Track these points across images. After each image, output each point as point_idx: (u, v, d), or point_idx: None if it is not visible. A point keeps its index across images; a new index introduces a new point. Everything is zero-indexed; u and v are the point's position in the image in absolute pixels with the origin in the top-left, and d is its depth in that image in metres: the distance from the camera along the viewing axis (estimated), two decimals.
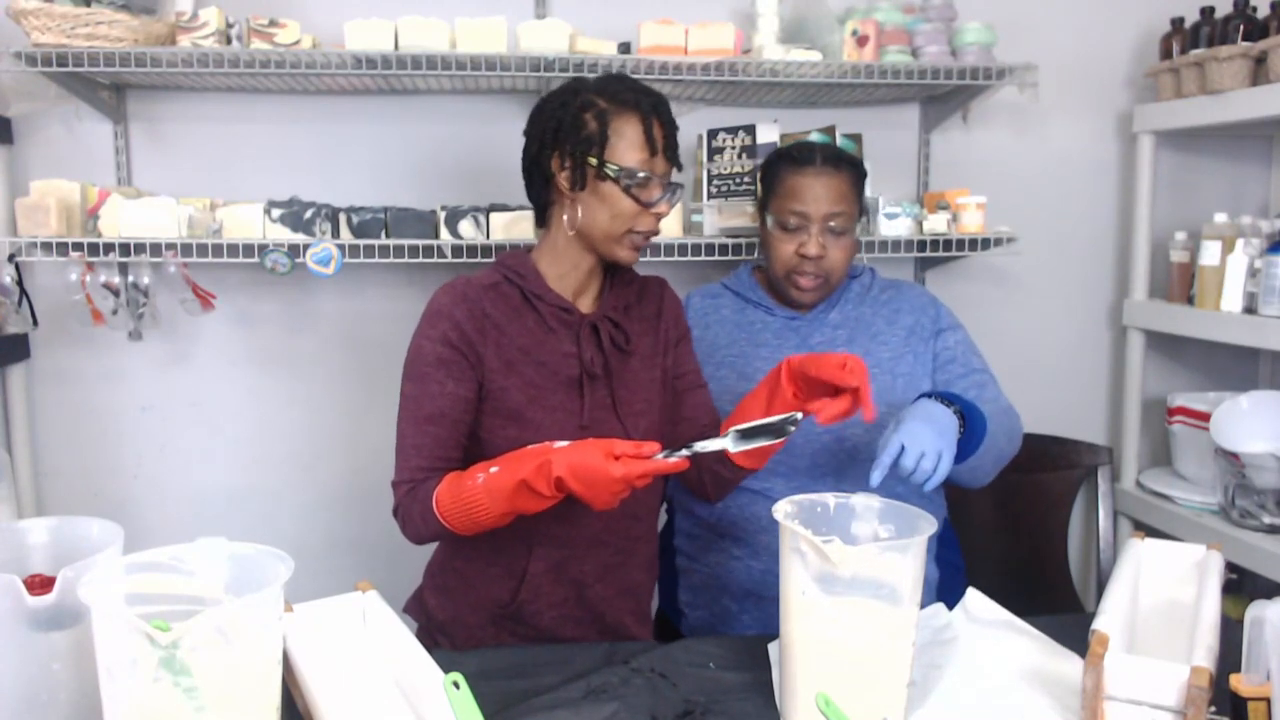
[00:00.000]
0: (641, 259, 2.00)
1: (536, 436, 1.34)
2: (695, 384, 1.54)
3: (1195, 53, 2.18)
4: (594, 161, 1.33)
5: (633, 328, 1.46)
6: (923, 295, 1.72)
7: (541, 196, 1.42)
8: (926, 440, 1.33)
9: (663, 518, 1.65)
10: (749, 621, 1.60)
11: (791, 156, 1.63)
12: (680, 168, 1.42)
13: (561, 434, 1.37)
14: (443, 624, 1.45)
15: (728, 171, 2.07)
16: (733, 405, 1.54)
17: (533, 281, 1.40)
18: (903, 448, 1.32)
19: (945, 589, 1.63)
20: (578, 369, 1.40)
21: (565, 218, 1.38)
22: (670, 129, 1.37)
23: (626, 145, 1.33)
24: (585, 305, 1.44)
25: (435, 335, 1.35)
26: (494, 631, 1.42)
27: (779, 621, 1.13)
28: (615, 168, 1.33)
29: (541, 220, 1.45)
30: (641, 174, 1.34)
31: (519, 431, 1.37)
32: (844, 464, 1.55)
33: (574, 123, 1.34)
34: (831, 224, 1.57)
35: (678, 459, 1.19)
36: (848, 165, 1.62)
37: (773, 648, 1.29)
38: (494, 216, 1.98)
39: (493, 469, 1.24)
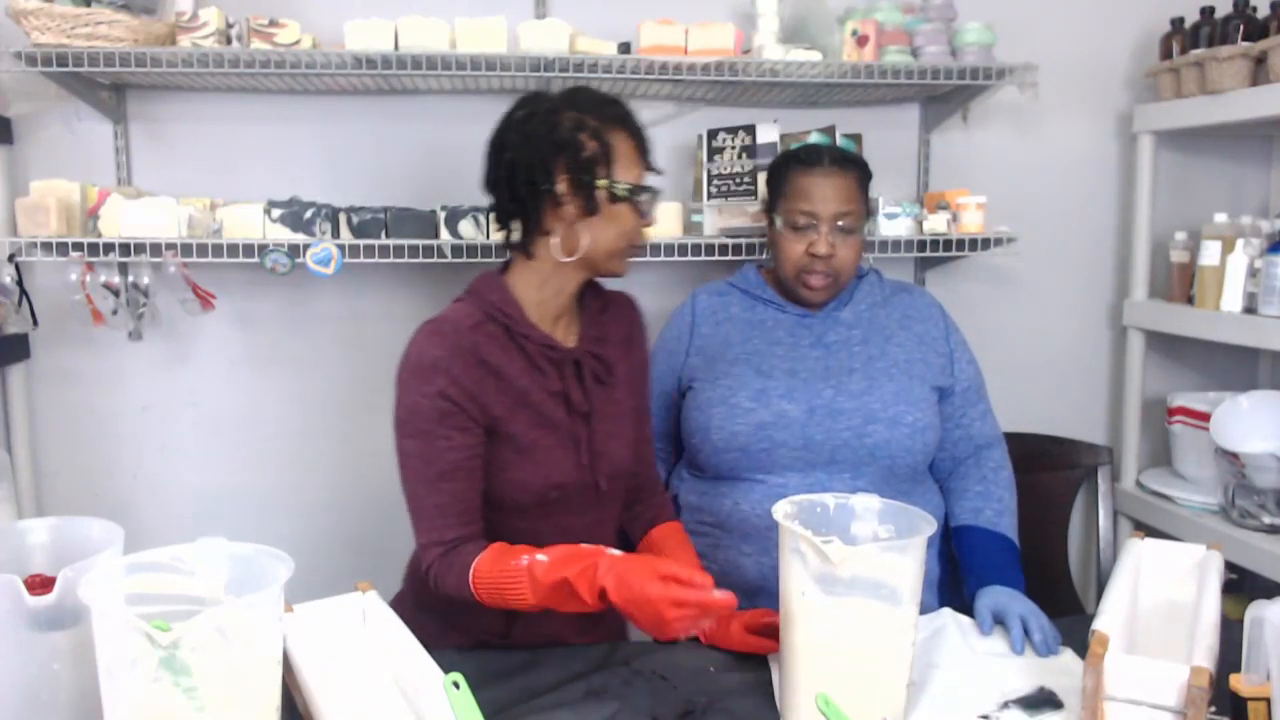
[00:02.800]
0: (641, 260, 2.01)
1: (545, 473, 1.35)
2: (647, 417, 1.56)
3: (1195, 53, 2.18)
4: (603, 183, 1.30)
5: (610, 355, 1.43)
6: (931, 303, 1.74)
7: (534, 223, 1.34)
8: (1028, 609, 1.40)
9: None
10: None
11: (799, 158, 1.65)
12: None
13: (566, 472, 1.37)
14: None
15: (728, 171, 2.07)
16: (751, 400, 1.56)
17: (518, 319, 1.35)
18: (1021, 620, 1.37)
19: (948, 586, 1.63)
20: (565, 407, 1.37)
21: (557, 242, 1.33)
22: (644, 139, 1.37)
23: (627, 162, 1.32)
24: (562, 333, 1.41)
25: (432, 391, 1.28)
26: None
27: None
28: (626, 186, 1.31)
29: (523, 247, 1.37)
30: (647, 188, 1.34)
31: (532, 469, 1.35)
32: (863, 461, 1.56)
33: (574, 144, 1.30)
34: (840, 223, 1.59)
35: (724, 597, 1.13)
36: (854, 165, 1.64)
37: None
38: (494, 216, 1.98)
39: (539, 556, 1.21)
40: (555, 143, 1.30)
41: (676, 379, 1.69)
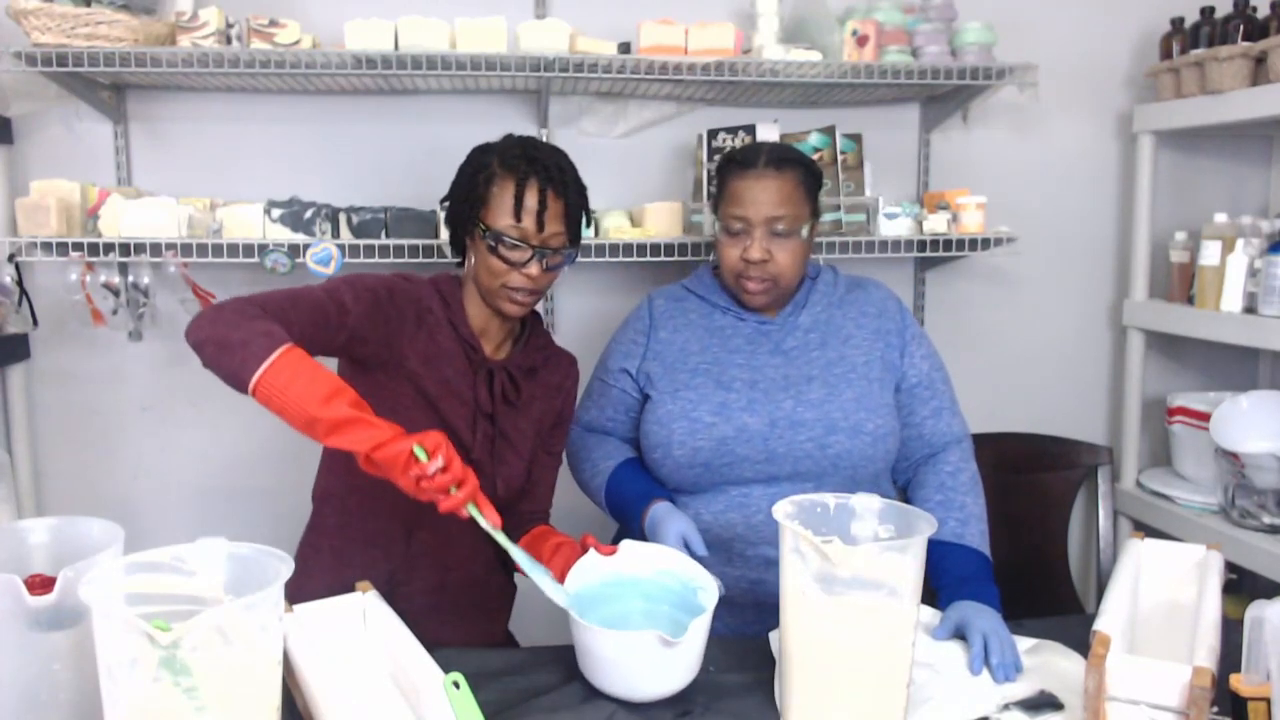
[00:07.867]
0: (640, 259, 2.02)
1: (439, 426, 1.40)
2: (553, 461, 1.65)
3: (1195, 53, 2.18)
4: (471, 219, 1.45)
5: (528, 388, 1.54)
6: (887, 296, 1.68)
7: (455, 242, 1.54)
8: (992, 626, 1.33)
9: None
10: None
11: (736, 160, 1.58)
12: (576, 240, 1.49)
13: (464, 432, 1.46)
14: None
15: None
16: (712, 414, 1.53)
17: (456, 311, 1.49)
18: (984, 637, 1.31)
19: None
20: (472, 404, 1.48)
21: (468, 266, 1.51)
22: (547, 196, 1.42)
23: (500, 209, 1.42)
24: (490, 347, 1.52)
25: (381, 281, 1.43)
26: None
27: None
28: (484, 228, 1.43)
29: (460, 264, 1.55)
30: (506, 237, 1.42)
31: (433, 416, 1.44)
32: (825, 471, 1.52)
33: (469, 182, 1.46)
34: (776, 227, 1.52)
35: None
36: (795, 166, 1.56)
37: (773, 637, 1.29)
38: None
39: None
40: (462, 175, 1.49)
41: (632, 378, 1.63)
